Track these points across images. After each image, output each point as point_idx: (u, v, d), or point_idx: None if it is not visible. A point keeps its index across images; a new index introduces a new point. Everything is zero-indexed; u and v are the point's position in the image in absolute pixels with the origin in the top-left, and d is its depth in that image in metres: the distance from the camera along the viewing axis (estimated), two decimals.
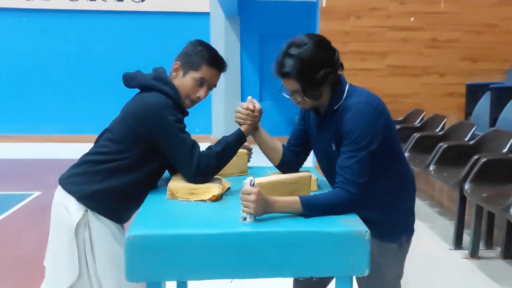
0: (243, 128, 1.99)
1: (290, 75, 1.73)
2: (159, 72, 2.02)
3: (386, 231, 1.85)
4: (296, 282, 2.22)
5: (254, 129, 2.01)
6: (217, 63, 2.01)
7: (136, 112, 1.92)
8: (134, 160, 1.94)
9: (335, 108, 1.79)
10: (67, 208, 1.94)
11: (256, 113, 1.98)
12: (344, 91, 1.80)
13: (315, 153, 1.99)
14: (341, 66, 1.80)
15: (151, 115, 1.87)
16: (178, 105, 1.96)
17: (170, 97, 1.93)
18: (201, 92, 2.01)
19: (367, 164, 1.70)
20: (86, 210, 1.93)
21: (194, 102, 2.03)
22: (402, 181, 1.88)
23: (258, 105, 1.99)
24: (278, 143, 2.09)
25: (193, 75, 1.98)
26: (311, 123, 1.96)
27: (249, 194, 1.56)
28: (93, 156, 1.99)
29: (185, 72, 1.99)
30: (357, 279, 1.85)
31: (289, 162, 2.07)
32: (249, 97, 2.02)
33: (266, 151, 2.07)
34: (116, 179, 1.93)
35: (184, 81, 1.99)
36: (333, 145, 1.80)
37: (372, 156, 1.71)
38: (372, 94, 1.79)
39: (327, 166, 1.90)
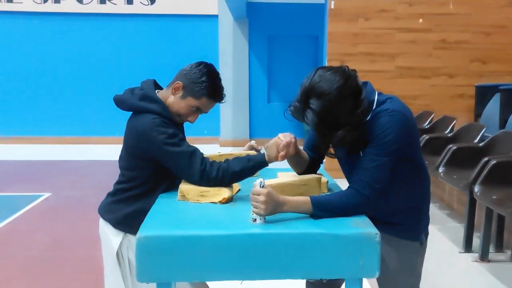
0: (267, 157, 1.90)
1: (310, 126, 1.68)
2: (146, 90, 2.03)
3: (409, 229, 1.86)
4: (309, 283, 2.23)
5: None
6: (217, 97, 2.03)
7: (130, 140, 1.99)
8: (154, 181, 2.00)
9: (365, 120, 1.71)
10: (107, 235, 2.06)
11: (284, 159, 1.89)
12: (374, 102, 1.73)
13: (339, 160, 1.93)
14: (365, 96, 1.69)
15: (142, 139, 1.92)
16: (169, 120, 1.98)
17: (159, 115, 1.95)
18: (192, 118, 2.04)
19: (387, 171, 1.68)
20: (126, 233, 2.03)
21: (183, 121, 2.08)
22: (424, 183, 1.88)
23: (292, 150, 1.85)
24: (306, 157, 2.02)
25: (191, 102, 1.99)
26: None
27: (258, 195, 1.57)
28: (119, 185, 2.08)
29: (184, 95, 1.99)
30: (379, 280, 1.84)
31: (306, 168, 2.05)
32: (288, 141, 1.84)
33: (293, 163, 2.02)
34: (145, 202, 1.97)
35: (180, 103, 2.00)
36: (361, 153, 1.74)
37: (396, 164, 1.69)
38: (404, 104, 1.76)
39: (351, 173, 1.80)
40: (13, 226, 4.62)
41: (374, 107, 1.72)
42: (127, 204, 2.02)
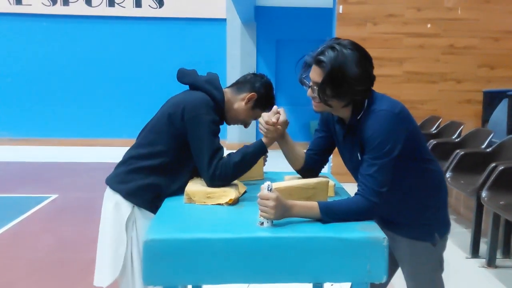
0: (264, 139, 1.98)
1: (322, 64, 1.68)
2: (212, 78, 2.10)
3: (417, 230, 1.85)
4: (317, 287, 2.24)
5: (278, 138, 1.99)
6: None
7: (178, 104, 1.99)
8: (173, 158, 1.99)
9: (358, 118, 1.75)
10: (117, 204, 2.00)
11: (278, 127, 1.94)
12: (365, 100, 1.75)
13: (343, 160, 1.95)
14: (370, 88, 1.76)
15: (190, 109, 1.94)
16: (220, 110, 2.04)
17: (215, 101, 2.01)
18: (249, 125, 2.21)
19: (389, 172, 1.68)
20: (133, 207, 2.00)
21: (230, 124, 2.19)
22: (429, 179, 1.85)
23: (282, 117, 1.94)
24: (301, 150, 2.08)
25: (257, 113, 2.13)
26: (337, 133, 1.93)
27: (267, 199, 1.57)
28: (135, 150, 2.06)
29: (254, 106, 2.12)
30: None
31: (309, 169, 2.07)
32: (275, 107, 1.98)
33: (289, 157, 2.06)
34: (159, 178, 1.99)
35: (249, 112, 2.13)
36: (358, 154, 1.77)
37: (395, 162, 1.69)
38: (394, 100, 1.76)
39: (356, 174, 1.83)
40: (20, 227, 4.65)
41: (365, 105, 1.74)
42: (140, 176, 1.99)
